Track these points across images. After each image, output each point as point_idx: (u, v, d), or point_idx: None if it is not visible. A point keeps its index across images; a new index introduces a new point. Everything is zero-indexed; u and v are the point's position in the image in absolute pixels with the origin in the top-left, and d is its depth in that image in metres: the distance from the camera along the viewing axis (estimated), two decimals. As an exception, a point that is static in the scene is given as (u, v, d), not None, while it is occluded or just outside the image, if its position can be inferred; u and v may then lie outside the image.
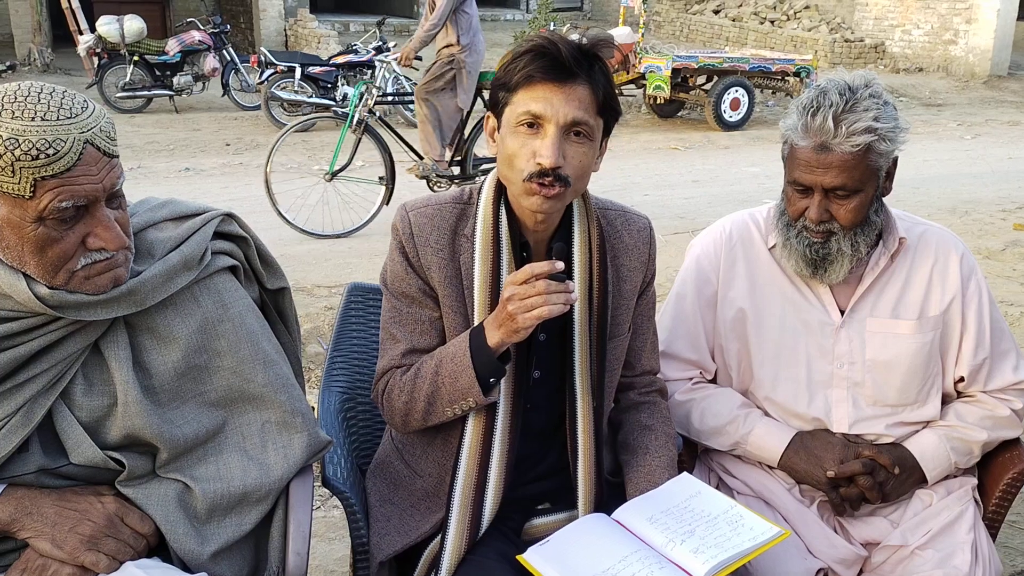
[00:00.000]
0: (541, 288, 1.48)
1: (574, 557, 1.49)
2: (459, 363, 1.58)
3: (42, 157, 1.25)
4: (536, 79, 1.53)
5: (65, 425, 1.42)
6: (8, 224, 1.29)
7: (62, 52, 13.93)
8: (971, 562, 1.75)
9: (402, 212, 1.70)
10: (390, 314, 1.72)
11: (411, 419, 1.68)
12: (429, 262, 1.66)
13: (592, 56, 1.56)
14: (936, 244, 1.91)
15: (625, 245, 1.76)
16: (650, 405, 1.83)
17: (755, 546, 1.48)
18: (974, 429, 1.87)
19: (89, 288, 1.36)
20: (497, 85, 1.59)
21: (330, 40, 13.93)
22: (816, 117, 1.71)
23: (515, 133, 1.56)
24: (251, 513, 1.53)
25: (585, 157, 1.57)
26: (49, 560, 1.38)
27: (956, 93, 14.29)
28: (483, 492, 1.65)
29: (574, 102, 1.53)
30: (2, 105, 1.26)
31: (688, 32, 18.98)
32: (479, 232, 1.65)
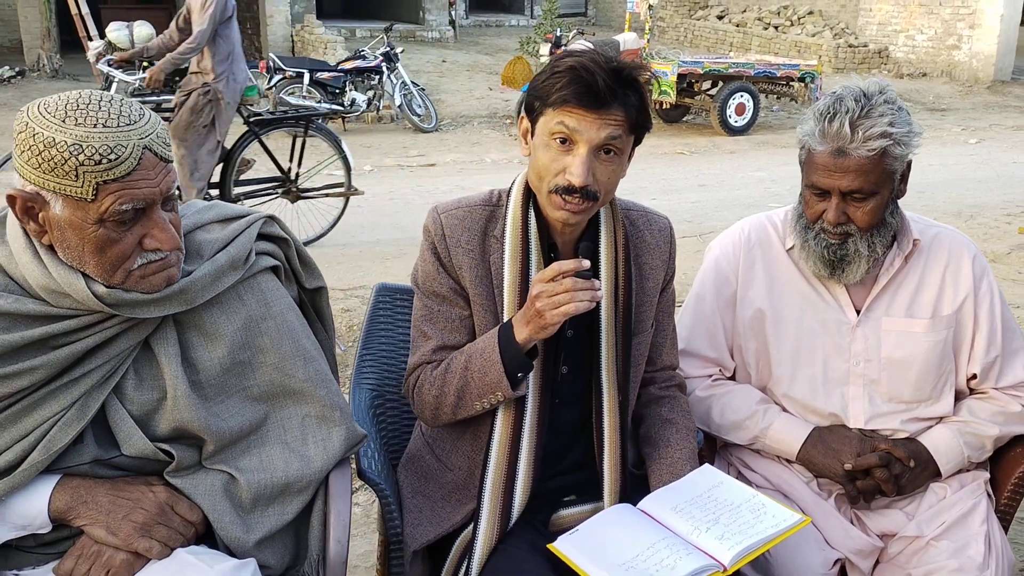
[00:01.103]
0: (568, 285, 1.54)
1: (603, 545, 1.54)
2: (488, 358, 1.64)
3: (104, 162, 1.31)
4: (571, 103, 1.57)
5: (117, 418, 1.48)
6: (70, 226, 1.36)
7: (70, 58, 14.02)
8: (985, 552, 1.81)
9: (434, 214, 1.76)
10: (421, 312, 1.78)
11: (441, 412, 1.74)
12: (460, 262, 1.72)
13: (630, 80, 1.61)
14: (949, 245, 1.97)
15: (647, 244, 1.82)
16: (671, 399, 1.89)
17: (777, 532, 1.54)
18: (986, 424, 1.93)
19: (144, 287, 1.42)
20: (534, 94, 1.64)
21: (336, 46, 14.02)
22: (833, 123, 1.77)
23: (547, 146, 1.62)
24: (293, 503, 1.59)
25: (614, 173, 1.64)
26: (104, 546, 1.44)
27: (960, 98, 14.36)
28: (513, 484, 1.71)
29: (608, 125, 1.59)
30: (65, 113, 1.32)
31: (692, 37, 19.07)
32: (508, 234, 1.72)
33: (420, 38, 17.46)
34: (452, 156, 9.61)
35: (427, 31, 17.74)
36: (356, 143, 10.10)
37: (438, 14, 18.03)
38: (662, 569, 1.47)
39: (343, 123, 10.78)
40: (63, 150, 1.30)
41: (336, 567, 1.58)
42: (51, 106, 1.34)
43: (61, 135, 1.31)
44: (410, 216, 7.00)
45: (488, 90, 13.08)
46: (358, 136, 10.50)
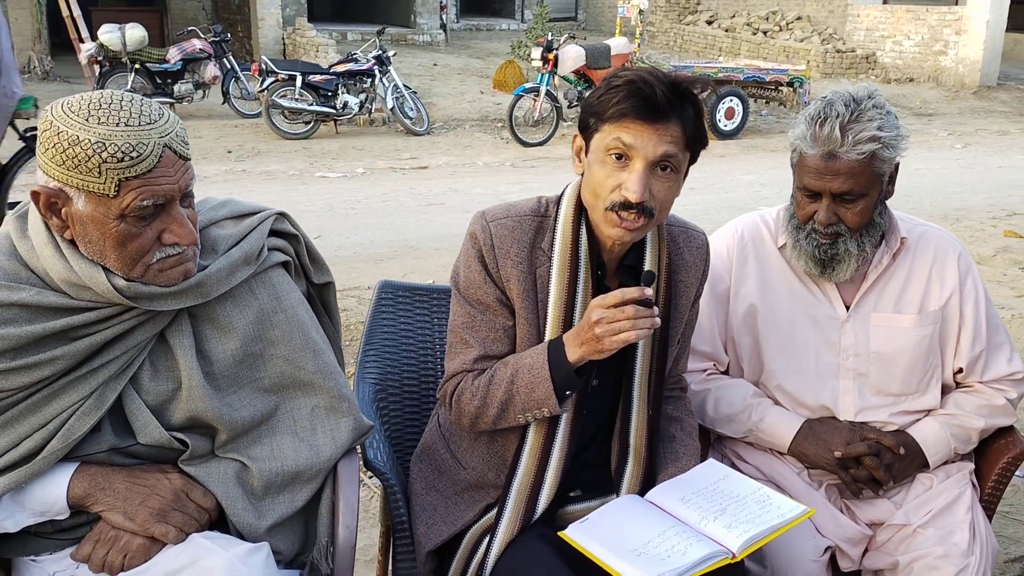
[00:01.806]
0: (630, 313, 1.54)
1: (614, 532, 1.59)
2: (537, 375, 1.65)
3: (127, 160, 1.36)
4: (629, 117, 1.56)
5: (134, 408, 1.53)
6: (92, 221, 1.41)
7: (61, 60, 14.01)
8: (969, 539, 1.88)
9: (482, 222, 1.74)
10: (463, 319, 1.76)
11: (481, 422, 1.74)
12: (508, 274, 1.71)
13: (688, 95, 1.60)
14: (935, 244, 2.03)
15: (685, 262, 1.83)
16: (676, 399, 1.94)
17: (784, 522, 1.59)
18: (972, 417, 2.00)
19: (162, 280, 1.47)
20: (589, 111, 1.64)
21: (328, 49, 14.06)
22: (824, 127, 1.84)
23: (603, 162, 1.61)
24: (303, 491, 1.64)
25: (670, 191, 1.63)
26: (121, 532, 1.49)
27: (946, 103, 14.50)
28: (539, 490, 1.74)
29: (665, 140, 1.57)
30: (88, 112, 1.37)
31: (682, 42, 19.18)
32: (557, 249, 1.71)
33: (411, 41, 17.50)
34: (444, 159, 9.66)
35: (418, 34, 17.78)
36: (348, 145, 10.17)
37: (429, 18, 18.08)
38: (673, 554, 1.52)
39: (335, 126, 10.82)
40: (87, 147, 1.35)
41: (345, 552, 1.64)
42: (74, 105, 1.39)
43: (85, 133, 1.35)
44: (403, 218, 7.05)
45: (480, 93, 13.14)
46: (350, 139, 10.55)
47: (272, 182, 8.33)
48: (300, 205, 7.32)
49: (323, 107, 10.37)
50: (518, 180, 8.58)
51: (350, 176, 8.70)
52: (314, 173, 8.77)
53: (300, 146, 10.08)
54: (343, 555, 1.64)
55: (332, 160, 9.45)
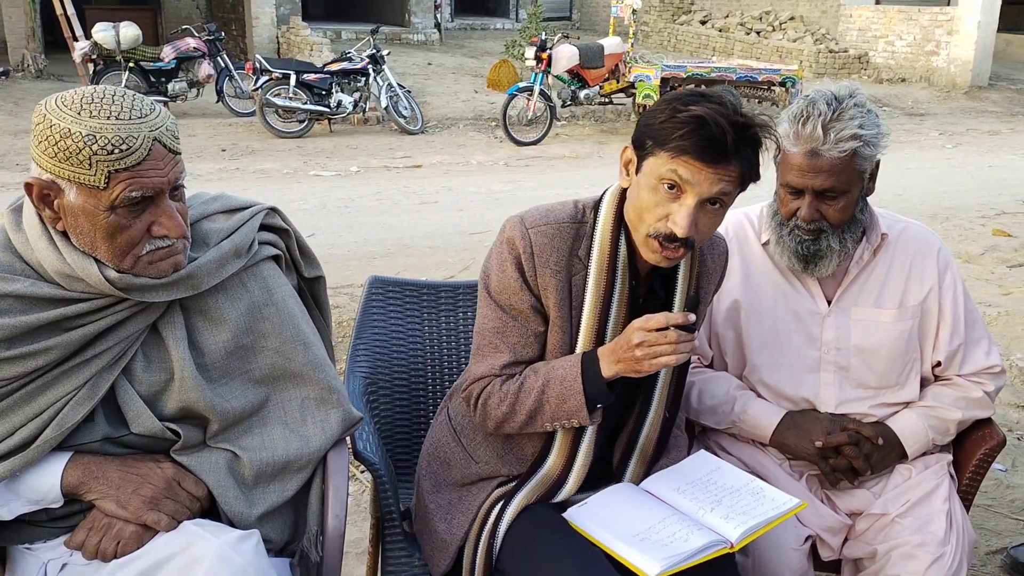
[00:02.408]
0: (672, 338, 1.54)
1: (615, 517, 1.62)
2: (569, 387, 1.65)
3: (116, 152, 1.39)
4: (691, 154, 1.52)
5: (127, 398, 1.56)
6: (83, 212, 1.44)
7: (55, 58, 14.00)
8: (946, 529, 1.91)
9: (522, 228, 1.70)
10: (494, 324, 1.74)
11: (507, 426, 1.74)
12: (547, 283, 1.69)
13: (753, 138, 1.57)
14: (915, 240, 2.07)
15: (708, 270, 1.84)
16: None
17: (778, 514, 1.63)
18: (950, 409, 2.04)
19: (152, 272, 1.50)
20: (648, 133, 1.58)
21: (322, 47, 14.07)
22: (806, 125, 1.87)
23: (654, 188, 1.58)
24: (293, 480, 1.67)
25: (715, 224, 1.63)
26: (114, 519, 1.52)
27: (938, 103, 14.57)
28: (562, 483, 1.77)
29: (723, 180, 1.55)
30: (80, 106, 1.41)
31: (675, 42, 19.23)
32: (595, 259, 1.70)
33: (406, 40, 17.53)
34: (438, 157, 9.69)
35: (412, 34, 17.80)
36: (342, 144, 10.20)
37: (423, 17, 18.10)
38: (676, 540, 1.55)
39: (329, 125, 10.84)
40: (78, 140, 1.38)
41: (334, 540, 1.67)
42: (68, 100, 1.42)
43: (76, 126, 1.39)
44: (397, 216, 7.08)
45: (474, 93, 13.18)
46: (344, 137, 10.57)
47: (266, 180, 8.35)
48: (294, 203, 7.34)
49: (317, 106, 10.39)
50: (512, 179, 8.61)
51: (344, 175, 8.73)
52: (308, 172, 8.80)
53: (294, 145, 10.10)
54: (332, 543, 1.67)
55: (326, 159, 9.48)
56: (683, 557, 1.51)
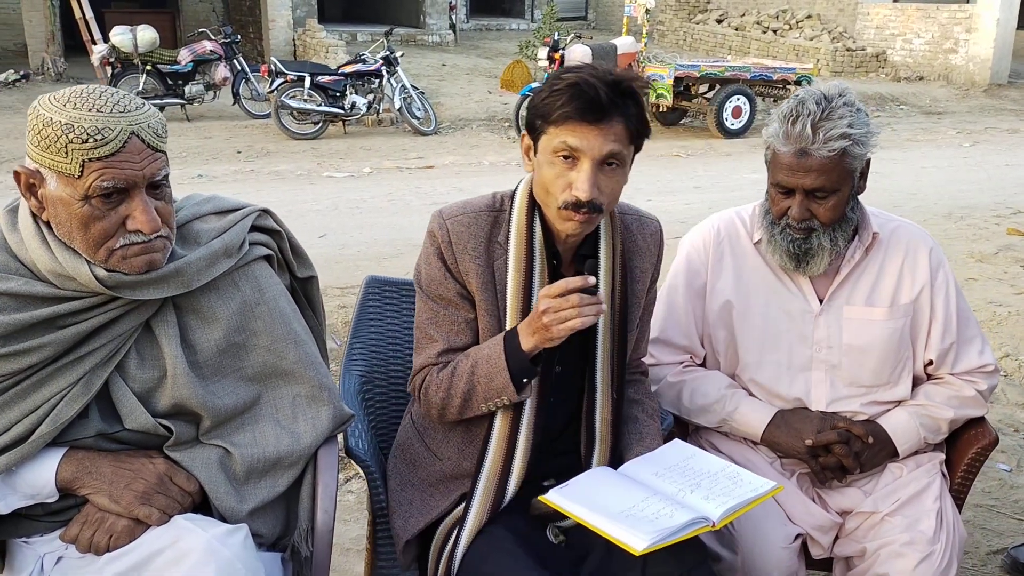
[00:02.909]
0: (575, 301, 1.60)
1: (597, 497, 1.63)
2: (495, 365, 1.71)
3: (91, 141, 1.43)
4: (573, 120, 1.62)
5: (120, 395, 1.59)
6: (61, 201, 1.47)
7: (74, 61, 14.17)
8: (936, 527, 1.92)
9: (439, 220, 1.80)
10: (427, 315, 1.83)
11: (447, 413, 1.80)
12: (467, 268, 1.78)
13: (628, 92, 1.65)
14: (907, 239, 2.08)
15: (639, 248, 1.89)
16: (636, 382, 2.00)
17: (756, 496, 1.65)
18: (942, 407, 2.04)
19: (125, 267, 1.52)
20: (535, 113, 1.69)
21: (338, 50, 14.14)
22: (796, 125, 1.88)
23: (552, 163, 1.67)
24: (283, 476, 1.70)
25: (618, 184, 1.70)
26: (106, 513, 1.55)
27: (956, 101, 14.46)
28: (507, 478, 1.79)
29: (610, 137, 1.63)
30: (68, 99, 1.46)
31: (691, 41, 19.20)
32: (513, 242, 1.78)
33: (420, 42, 17.58)
34: (450, 158, 9.73)
35: (427, 35, 17.86)
36: (356, 145, 10.26)
37: (438, 18, 18.16)
38: (661, 517, 1.56)
39: (343, 126, 10.91)
40: (56, 129, 1.43)
41: (323, 535, 1.70)
42: (59, 94, 1.48)
43: (58, 116, 1.44)
44: (408, 217, 7.11)
45: (487, 93, 13.21)
46: (358, 139, 10.63)
47: (280, 182, 8.41)
48: (306, 204, 7.40)
49: (331, 107, 10.46)
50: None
51: (357, 176, 8.78)
52: (321, 173, 8.86)
53: (308, 146, 10.18)
54: (321, 538, 1.70)
55: (340, 160, 9.54)
56: (669, 532, 1.52)
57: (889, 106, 13.95)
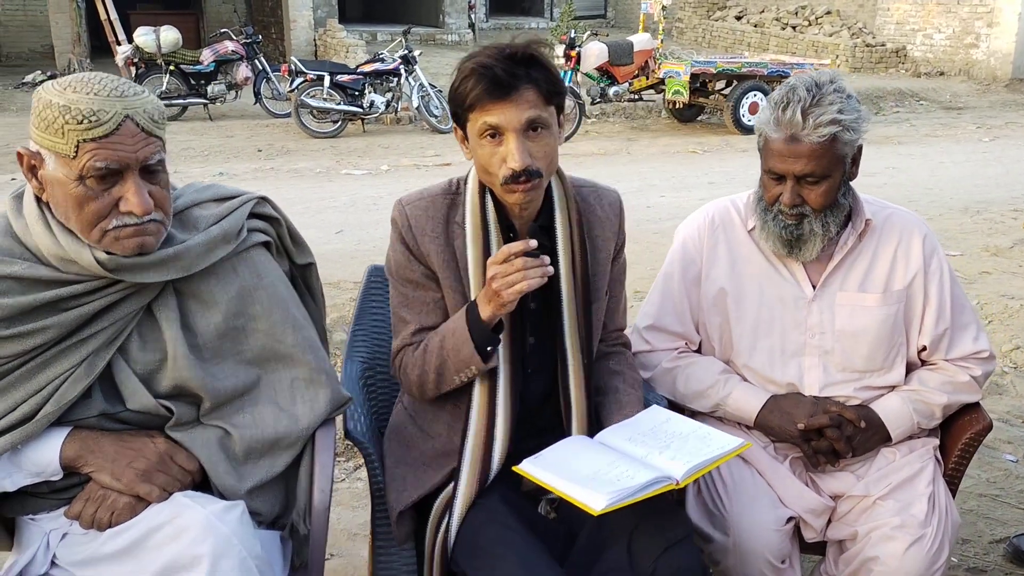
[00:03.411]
0: (519, 265, 1.67)
1: (566, 464, 1.68)
2: (459, 337, 1.78)
3: (85, 122, 1.48)
4: (484, 100, 1.70)
5: (123, 376, 1.64)
6: (57, 182, 1.53)
7: (100, 62, 14.34)
8: (928, 511, 1.93)
9: (399, 206, 1.91)
10: (398, 299, 1.93)
11: (426, 389, 1.88)
12: (428, 249, 1.86)
13: (526, 59, 1.72)
14: (901, 225, 2.09)
15: (599, 218, 1.95)
16: (617, 354, 2.05)
17: (723, 453, 1.70)
18: (935, 393, 2.06)
19: (118, 249, 1.56)
20: (453, 106, 1.78)
21: (358, 49, 14.26)
22: (786, 111, 1.91)
23: (482, 145, 1.75)
24: (282, 457, 1.75)
25: (548, 146, 1.76)
26: (108, 491, 1.60)
27: (977, 96, 14.32)
28: (491, 448, 1.84)
29: (524, 106, 1.70)
30: (69, 83, 1.52)
31: (710, 38, 19.14)
32: (468, 220, 1.85)
33: (440, 41, 17.67)
34: (468, 156, 9.76)
35: (446, 34, 17.95)
36: (374, 144, 10.33)
37: (457, 17, 18.24)
38: (623, 478, 1.61)
39: (362, 124, 10.99)
40: (54, 110, 1.49)
41: (320, 513, 1.74)
42: (64, 79, 1.54)
43: (57, 98, 1.50)
44: (423, 213, 7.14)
45: (506, 92, 13.21)
46: (377, 137, 10.70)
47: (299, 179, 8.49)
48: (324, 201, 7.48)
49: (350, 106, 10.54)
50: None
51: (374, 173, 8.85)
52: (340, 171, 8.93)
53: (328, 144, 10.26)
54: (318, 516, 1.74)
55: (358, 158, 9.61)
56: (629, 492, 1.56)
57: (909, 102, 13.84)
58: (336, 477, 3.24)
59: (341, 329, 4.41)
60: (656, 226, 6.50)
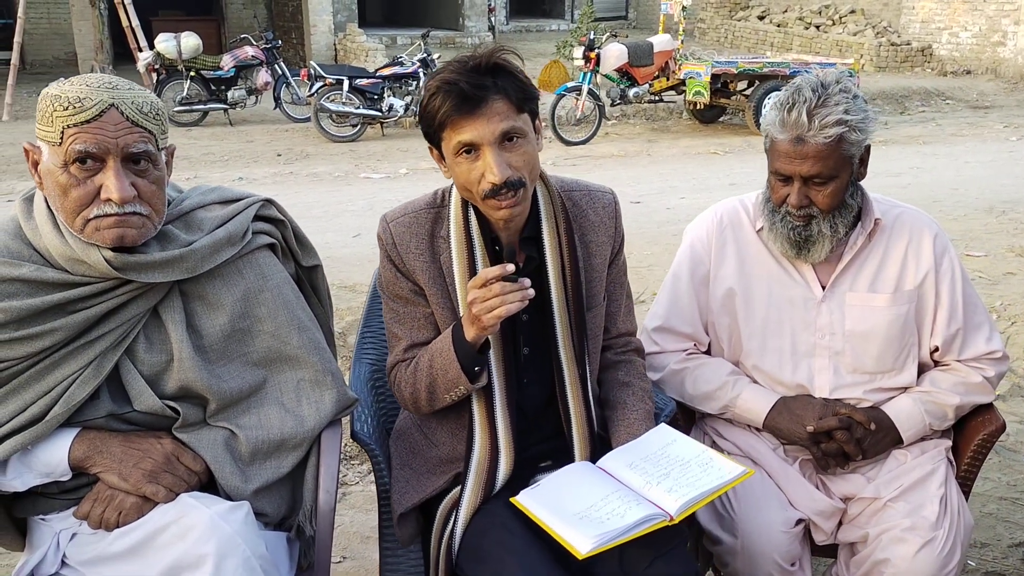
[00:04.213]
0: (497, 290, 1.63)
1: (561, 497, 1.68)
2: (446, 357, 1.76)
3: (70, 109, 1.51)
4: (453, 117, 1.67)
5: (130, 377, 1.66)
6: (49, 172, 1.56)
7: (122, 69, 14.50)
8: (939, 513, 1.91)
9: (383, 223, 1.88)
10: (390, 315, 1.92)
11: (420, 406, 1.87)
12: (413, 266, 1.84)
13: (492, 68, 1.68)
14: (911, 224, 2.07)
15: (591, 223, 1.91)
16: (627, 363, 2.00)
17: (723, 484, 1.67)
18: (947, 394, 2.03)
19: (98, 239, 1.57)
20: (425, 125, 1.74)
21: (377, 53, 14.31)
22: (792, 113, 1.89)
23: (458, 162, 1.71)
24: (288, 458, 1.76)
25: (527, 154, 1.72)
26: (116, 491, 1.62)
27: (1004, 95, 14.14)
28: (496, 460, 1.83)
29: (495, 119, 1.66)
30: (72, 79, 1.57)
31: (733, 38, 19.05)
32: (453, 235, 1.82)
33: (460, 44, 17.69)
34: (486, 158, 9.76)
35: (466, 37, 17.97)
36: (393, 147, 10.37)
37: (477, 20, 18.27)
38: (613, 517, 1.60)
39: (381, 128, 11.03)
40: (47, 101, 1.54)
41: (325, 514, 1.75)
42: (72, 77, 1.57)
43: (53, 90, 1.54)
44: (442, 216, 7.16)
45: (525, 94, 13.21)
46: (395, 140, 10.74)
47: (317, 183, 8.54)
48: (342, 205, 7.52)
49: (369, 110, 10.58)
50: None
51: (393, 177, 8.88)
52: (358, 174, 8.97)
53: (347, 148, 10.31)
54: (323, 517, 1.76)
55: (377, 161, 9.65)
56: (616, 534, 1.55)
57: (934, 101, 13.69)
58: (349, 480, 3.27)
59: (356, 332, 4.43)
60: (676, 227, 6.47)
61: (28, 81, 14.01)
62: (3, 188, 8.20)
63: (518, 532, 1.71)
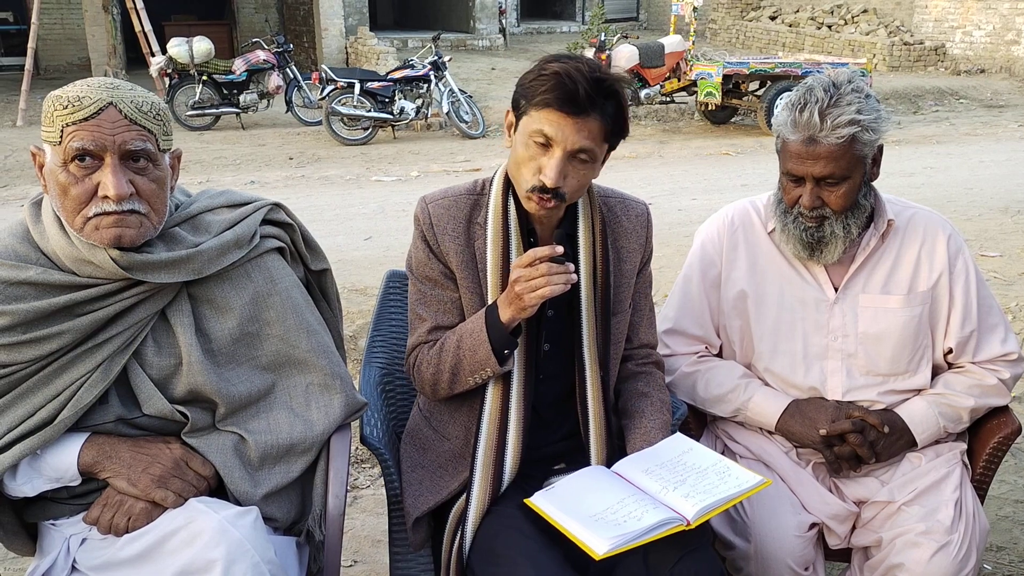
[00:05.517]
0: (543, 270, 1.67)
1: (577, 500, 1.67)
2: (477, 338, 1.78)
3: (70, 107, 1.52)
4: (552, 107, 1.68)
5: (139, 381, 1.66)
6: (50, 172, 1.57)
7: (135, 74, 14.57)
8: (954, 517, 1.88)
9: (422, 204, 1.91)
10: (416, 296, 1.93)
11: (439, 388, 1.88)
12: (447, 248, 1.86)
13: (609, 92, 1.70)
14: (924, 225, 2.05)
15: (624, 229, 1.94)
16: (647, 375, 2.00)
17: (739, 492, 1.65)
18: (962, 396, 2.01)
19: (96, 238, 1.56)
20: (520, 92, 1.76)
21: (388, 56, 14.32)
22: (803, 113, 1.88)
23: (527, 144, 1.73)
24: (297, 462, 1.75)
25: (585, 177, 1.76)
26: (125, 496, 1.62)
27: (1019, 94, 14.03)
28: (503, 454, 1.83)
29: (584, 133, 1.69)
30: (77, 82, 1.57)
31: (744, 39, 18.99)
32: (490, 221, 1.85)
33: (470, 46, 17.71)
34: (497, 161, 9.76)
35: (477, 39, 17.98)
36: (405, 150, 10.38)
37: (488, 23, 18.27)
38: (629, 520, 1.59)
39: (393, 131, 11.05)
40: (50, 102, 1.55)
41: (334, 519, 1.74)
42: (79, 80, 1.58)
43: (57, 92, 1.55)
44: (453, 219, 7.15)
45: (536, 96, 13.20)
46: (407, 143, 10.75)
47: (329, 186, 8.55)
48: (353, 208, 7.52)
49: (381, 113, 10.60)
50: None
51: (404, 179, 8.89)
52: (370, 177, 8.98)
53: (358, 151, 10.33)
54: (333, 522, 1.75)
55: (388, 164, 9.66)
56: (633, 536, 1.54)
57: (948, 100, 13.61)
58: (360, 484, 3.26)
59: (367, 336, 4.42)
60: (687, 229, 6.44)
61: (42, 87, 14.08)
62: (18, 192, 8.26)
63: (531, 534, 1.71)
